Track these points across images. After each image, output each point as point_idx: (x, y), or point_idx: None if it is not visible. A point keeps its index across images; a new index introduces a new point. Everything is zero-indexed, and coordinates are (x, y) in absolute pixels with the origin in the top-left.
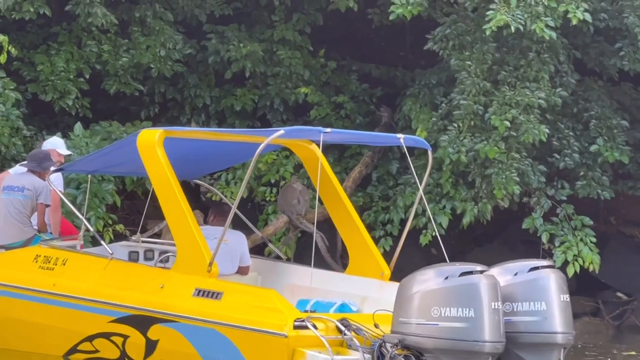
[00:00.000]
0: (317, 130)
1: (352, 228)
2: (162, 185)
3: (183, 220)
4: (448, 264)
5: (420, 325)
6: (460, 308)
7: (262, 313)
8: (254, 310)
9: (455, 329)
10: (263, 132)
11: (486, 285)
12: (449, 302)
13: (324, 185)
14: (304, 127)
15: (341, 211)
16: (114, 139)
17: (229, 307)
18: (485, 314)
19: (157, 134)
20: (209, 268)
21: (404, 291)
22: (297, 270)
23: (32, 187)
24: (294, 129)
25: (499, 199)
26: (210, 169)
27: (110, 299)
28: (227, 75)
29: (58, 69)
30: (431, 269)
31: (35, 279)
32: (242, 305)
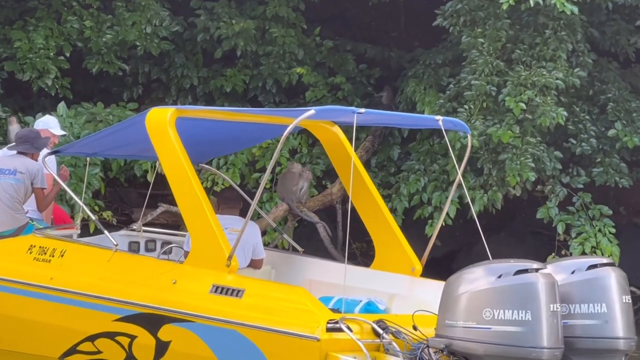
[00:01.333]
0: (351, 111)
1: (378, 218)
2: (174, 169)
3: (198, 208)
4: (499, 260)
5: (469, 329)
6: (515, 310)
7: (290, 313)
8: (280, 310)
9: (510, 334)
10: (290, 112)
11: (544, 284)
12: (503, 304)
13: (346, 169)
14: (336, 106)
15: (366, 199)
16: (99, 121)
17: (252, 306)
18: (543, 317)
19: (168, 113)
20: (227, 262)
21: (451, 290)
22: (314, 264)
23: (25, 170)
24: (326, 109)
25: (511, 186)
26: (220, 151)
27: (115, 295)
28: (217, 54)
29: (37, 46)
30: (481, 266)
31: (30, 271)
32: (267, 304)
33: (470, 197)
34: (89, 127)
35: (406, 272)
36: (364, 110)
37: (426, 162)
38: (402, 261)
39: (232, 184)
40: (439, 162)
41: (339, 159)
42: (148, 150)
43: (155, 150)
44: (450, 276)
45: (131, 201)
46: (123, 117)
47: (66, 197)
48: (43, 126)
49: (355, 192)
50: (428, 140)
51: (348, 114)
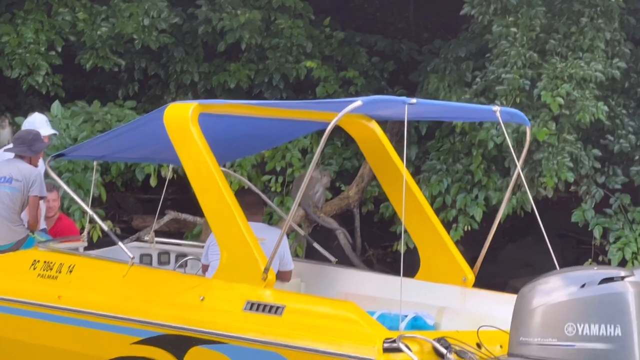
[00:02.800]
0: (401, 101)
1: (423, 223)
2: (199, 172)
3: (228, 215)
4: (580, 268)
5: (548, 347)
6: (603, 325)
7: (340, 332)
8: (328, 329)
9: (598, 352)
10: (331, 104)
11: (634, 294)
12: (588, 317)
13: (386, 171)
14: (385, 97)
15: (409, 203)
16: (95, 121)
17: (294, 325)
18: (635, 332)
19: (190, 109)
20: (264, 275)
21: (525, 303)
22: (349, 275)
23: (21, 177)
24: (375, 100)
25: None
26: (245, 151)
27: (133, 315)
28: (220, 47)
29: (26, 41)
30: (557, 275)
31: (34, 290)
32: (312, 322)
33: (498, 199)
34: (86, 127)
35: (457, 283)
36: (415, 101)
37: (448, 161)
38: (452, 270)
39: (252, 187)
40: (462, 161)
41: (378, 159)
42: (164, 151)
43: (177, 150)
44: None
45: (129, 207)
46: (121, 117)
47: (64, 206)
48: (28, 127)
49: (397, 194)
50: (448, 138)
51: (397, 105)
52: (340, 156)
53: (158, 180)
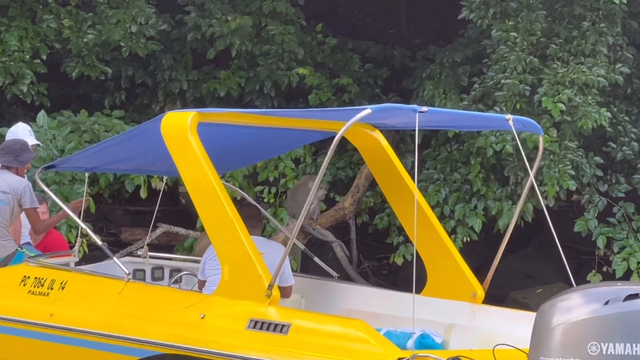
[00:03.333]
0: (411, 109)
1: (430, 236)
2: (199, 183)
3: (230, 228)
4: (603, 284)
5: None
6: (629, 344)
7: (350, 352)
8: (336, 348)
9: None
10: (338, 112)
11: None
12: (612, 336)
13: (391, 182)
14: (394, 105)
15: (413, 215)
16: (83, 131)
17: (301, 344)
18: None
19: (189, 118)
20: (267, 292)
21: (546, 320)
22: (352, 291)
23: (9, 189)
24: (384, 107)
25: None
26: (244, 162)
27: (130, 334)
28: (209, 54)
29: (10, 49)
30: (578, 292)
31: (25, 307)
32: (319, 341)
33: (497, 209)
34: (73, 138)
35: (465, 299)
36: (427, 109)
37: (445, 170)
38: (460, 286)
39: (249, 200)
40: (460, 170)
41: (382, 169)
42: (159, 162)
43: (175, 161)
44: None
45: (117, 220)
46: (109, 127)
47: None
48: (11, 136)
49: (403, 207)
50: (445, 146)
51: (407, 113)
52: (334, 166)
53: (148, 192)
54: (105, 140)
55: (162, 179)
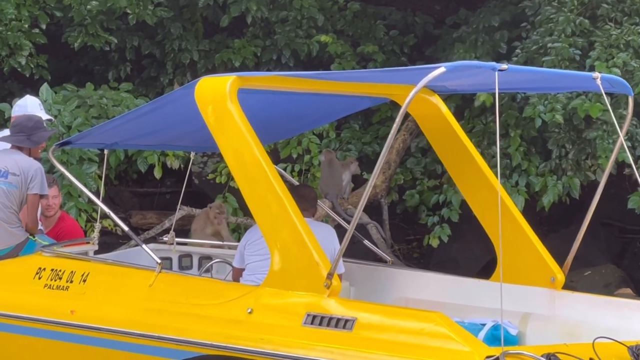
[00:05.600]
0: (490, 67)
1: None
2: (242, 159)
3: (281, 211)
4: None
5: None
6: None
7: (428, 350)
8: (411, 346)
9: None
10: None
11: None
12: None
13: (453, 153)
14: (470, 62)
15: (482, 191)
16: (89, 106)
17: (369, 342)
18: None
19: (228, 83)
20: (327, 282)
21: None
22: (407, 277)
23: (19, 171)
24: (459, 66)
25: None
26: (284, 133)
27: (165, 332)
28: (222, 22)
29: (7, 17)
30: None
31: (42, 303)
32: (390, 339)
33: (541, 185)
34: (80, 113)
35: (543, 284)
36: (507, 66)
37: (482, 144)
38: (537, 270)
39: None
40: None
41: (443, 139)
42: (189, 135)
43: (213, 134)
44: None
45: (124, 202)
46: (117, 101)
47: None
48: (19, 111)
49: (468, 182)
50: (480, 118)
51: (485, 71)
52: (360, 141)
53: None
54: (128, 112)
55: (177, 158)
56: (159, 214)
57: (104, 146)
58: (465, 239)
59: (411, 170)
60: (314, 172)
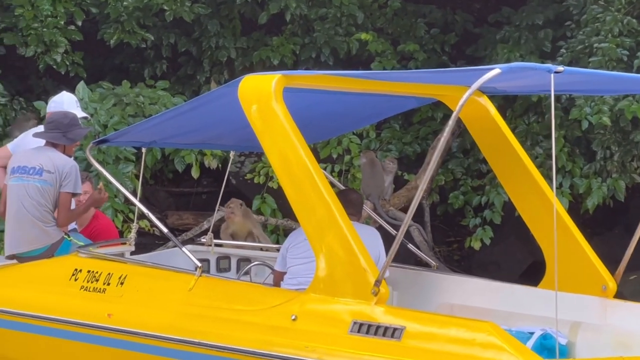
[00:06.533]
0: (546, 69)
1: (549, 219)
2: (287, 160)
3: (327, 214)
4: None
5: None
6: None
7: None
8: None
9: None
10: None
11: None
12: None
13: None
14: (527, 63)
15: (531, 194)
16: (126, 104)
17: (419, 352)
18: None
19: (273, 82)
20: (374, 289)
21: None
22: (452, 283)
23: (53, 168)
24: (515, 67)
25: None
26: (328, 133)
27: (205, 338)
28: (261, 19)
29: (42, 14)
30: None
31: (78, 306)
32: (441, 349)
33: (585, 187)
34: (116, 111)
35: (594, 292)
36: (563, 69)
37: (525, 145)
38: (587, 277)
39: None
40: (542, 144)
41: (490, 141)
42: (231, 134)
43: (257, 134)
44: None
45: (160, 202)
46: (154, 99)
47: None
48: (55, 108)
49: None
50: (522, 118)
51: (541, 73)
52: (400, 141)
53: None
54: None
55: (215, 157)
56: (195, 215)
57: (142, 144)
58: (507, 242)
59: (452, 171)
60: (354, 172)
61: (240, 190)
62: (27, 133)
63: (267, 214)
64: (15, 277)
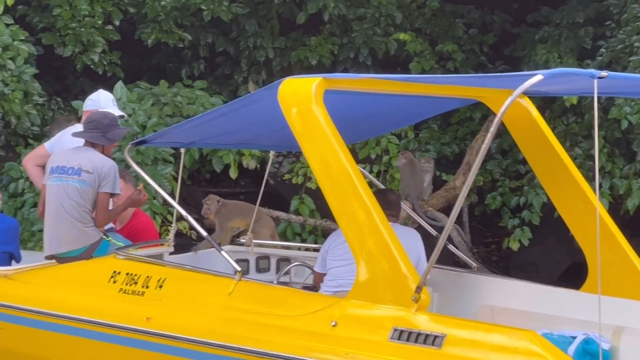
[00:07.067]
0: (589, 74)
1: (590, 221)
2: (327, 163)
3: (367, 218)
4: None
5: None
6: None
7: None
8: None
9: None
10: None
11: None
12: None
13: (543, 158)
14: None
15: (573, 196)
16: (164, 104)
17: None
18: None
19: (313, 85)
20: (415, 296)
21: None
22: (494, 285)
23: (92, 168)
24: (557, 73)
25: None
26: (366, 134)
27: (244, 344)
28: (299, 19)
29: (80, 14)
30: None
31: (117, 309)
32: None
33: (625, 188)
34: (154, 111)
35: (637, 297)
36: (607, 74)
37: (565, 145)
38: (630, 280)
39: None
40: (581, 145)
41: (532, 142)
42: (270, 135)
43: (296, 137)
44: None
45: (197, 203)
46: (192, 99)
47: None
48: (92, 106)
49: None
50: (561, 119)
51: (584, 79)
52: (438, 141)
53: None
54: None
55: (253, 157)
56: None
57: (181, 145)
58: (546, 243)
59: (490, 172)
60: (393, 173)
61: (278, 191)
62: (64, 132)
63: (306, 215)
64: (54, 278)
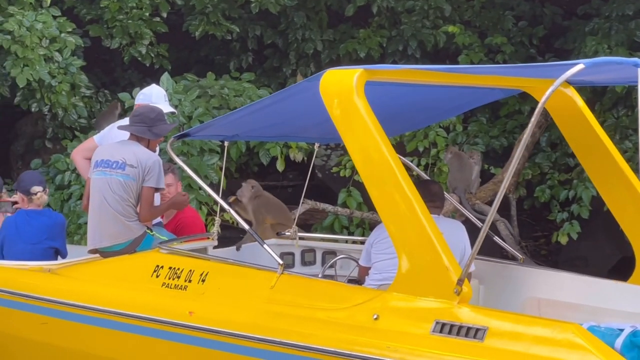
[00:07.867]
0: (632, 63)
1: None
2: (368, 154)
3: (409, 210)
4: None
5: None
6: None
7: None
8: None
9: None
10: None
11: None
12: None
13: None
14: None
15: (620, 188)
16: (211, 96)
17: (500, 353)
18: None
19: (354, 76)
20: (457, 288)
21: None
22: (540, 276)
23: (136, 163)
24: (599, 62)
25: None
26: (410, 126)
27: (287, 338)
28: (347, 11)
29: (128, 5)
30: None
31: (160, 303)
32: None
33: None
34: (200, 103)
35: None
36: None
37: (615, 138)
38: None
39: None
40: (631, 138)
41: (577, 133)
42: (314, 127)
43: (338, 128)
44: None
45: None
46: (239, 91)
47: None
48: (143, 100)
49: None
50: (611, 112)
51: (627, 68)
52: (487, 134)
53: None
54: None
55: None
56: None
57: (224, 138)
58: (595, 237)
59: (539, 165)
60: (441, 166)
61: (326, 184)
62: (113, 125)
63: (353, 207)
64: (97, 273)
